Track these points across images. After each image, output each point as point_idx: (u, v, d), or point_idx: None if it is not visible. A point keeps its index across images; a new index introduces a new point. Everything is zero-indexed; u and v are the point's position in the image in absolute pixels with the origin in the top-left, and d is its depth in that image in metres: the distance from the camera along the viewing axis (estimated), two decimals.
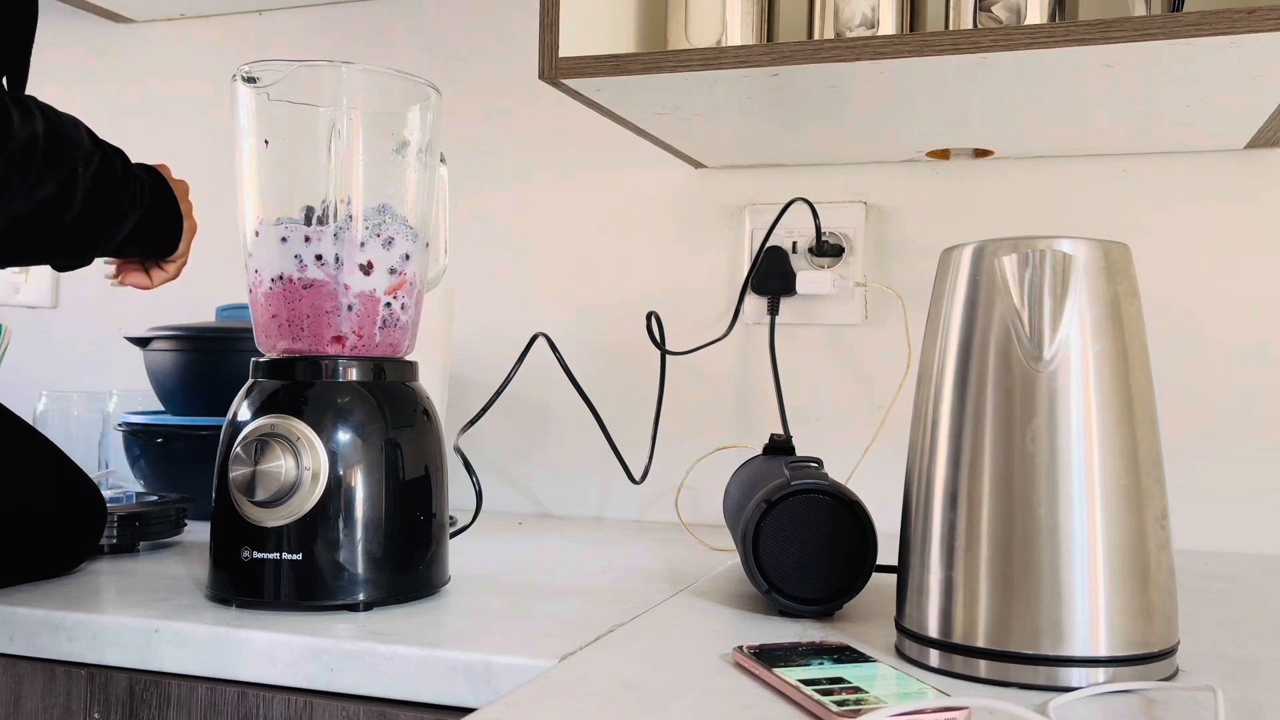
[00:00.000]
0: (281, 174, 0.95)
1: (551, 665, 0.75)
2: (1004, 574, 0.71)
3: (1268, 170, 1.26)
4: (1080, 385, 0.71)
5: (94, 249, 0.97)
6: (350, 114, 0.93)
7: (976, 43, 0.94)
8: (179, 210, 1.04)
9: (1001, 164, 1.34)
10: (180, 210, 1.04)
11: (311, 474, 0.87)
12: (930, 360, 0.77)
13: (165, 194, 1.02)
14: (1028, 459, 0.71)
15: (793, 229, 1.37)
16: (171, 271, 1.09)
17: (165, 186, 1.02)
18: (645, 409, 1.38)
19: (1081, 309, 0.71)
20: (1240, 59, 0.93)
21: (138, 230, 0.99)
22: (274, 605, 0.88)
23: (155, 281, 1.09)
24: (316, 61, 0.93)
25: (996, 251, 0.73)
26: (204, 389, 1.33)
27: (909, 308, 1.34)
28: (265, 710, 0.83)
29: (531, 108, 1.50)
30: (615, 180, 1.48)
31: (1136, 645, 0.70)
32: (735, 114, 1.17)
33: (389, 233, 0.93)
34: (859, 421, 1.36)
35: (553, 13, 1.03)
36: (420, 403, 0.95)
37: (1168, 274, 1.28)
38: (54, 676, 0.89)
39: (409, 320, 0.96)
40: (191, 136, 1.65)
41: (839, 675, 0.69)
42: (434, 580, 0.94)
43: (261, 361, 0.93)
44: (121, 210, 0.96)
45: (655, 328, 1.30)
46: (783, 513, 0.87)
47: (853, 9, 1.09)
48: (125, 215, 0.96)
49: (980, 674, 0.71)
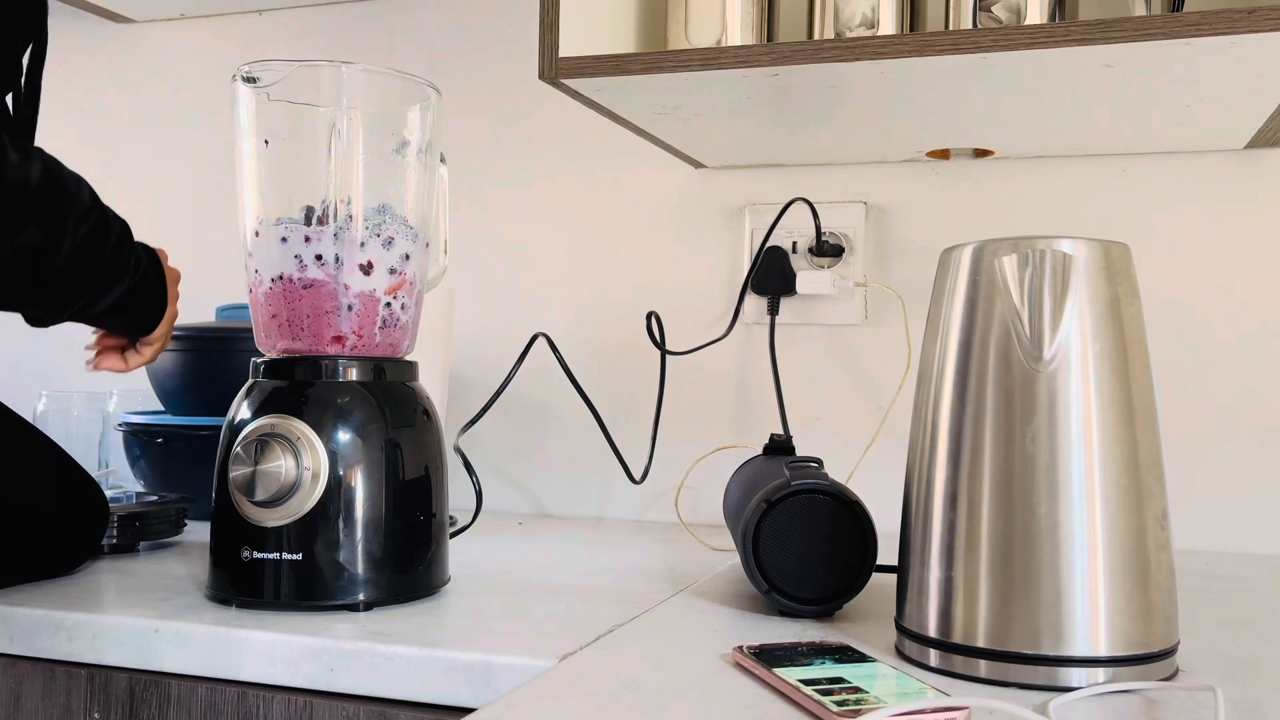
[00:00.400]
0: (282, 174, 0.95)
1: (551, 665, 0.75)
2: (1004, 574, 0.71)
3: (1268, 170, 1.26)
4: (1080, 385, 0.71)
5: (71, 307, 0.94)
6: (350, 114, 0.93)
7: (976, 43, 0.94)
8: (165, 293, 1.03)
9: (1001, 164, 1.34)
10: (167, 294, 1.03)
11: (311, 474, 0.87)
12: (930, 360, 0.77)
13: (157, 274, 1.02)
14: (1028, 459, 0.71)
15: (793, 229, 1.37)
16: (147, 355, 1.07)
17: (159, 267, 1.02)
18: (645, 409, 1.38)
19: (1081, 309, 0.71)
20: (1240, 59, 0.93)
21: (122, 302, 0.97)
22: (274, 605, 0.88)
23: (130, 365, 1.08)
24: (316, 61, 0.93)
25: (996, 251, 0.73)
26: (204, 389, 1.33)
27: (909, 308, 1.34)
28: (265, 710, 0.83)
29: (532, 108, 1.50)
30: (615, 180, 1.48)
31: (1136, 645, 0.70)
32: (735, 114, 1.17)
33: (389, 233, 0.93)
34: (859, 421, 1.36)
35: (553, 13, 1.03)
36: (420, 403, 0.95)
37: (1168, 274, 1.28)
38: (54, 676, 0.89)
39: (409, 320, 0.96)
40: (192, 136, 1.65)
41: (839, 675, 0.69)
42: (434, 580, 0.94)
43: (261, 361, 0.93)
44: (108, 276, 0.94)
45: (655, 328, 1.30)
46: (783, 513, 0.87)
47: (853, 9, 1.09)
48: (112, 283, 0.95)
49: (980, 674, 0.71)
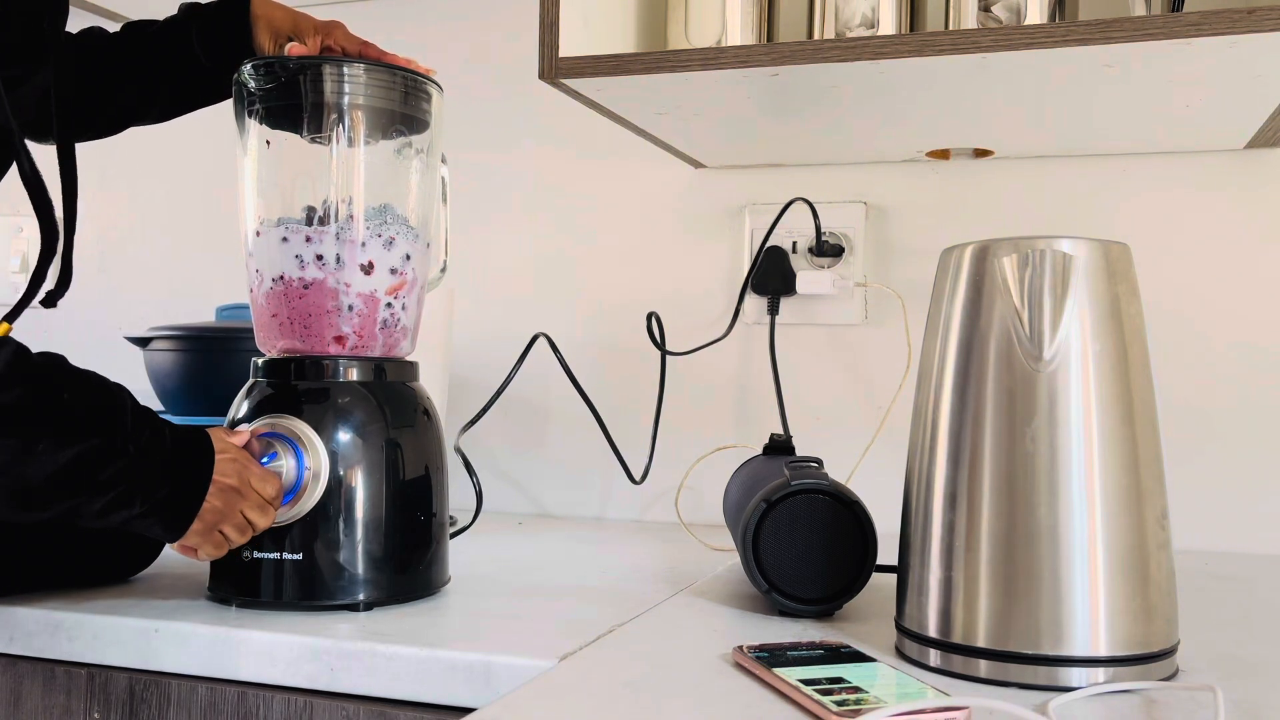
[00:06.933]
0: (283, 174, 0.95)
1: (551, 665, 0.75)
2: (1004, 574, 0.71)
3: (1268, 170, 1.26)
4: (1080, 385, 0.71)
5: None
6: (351, 114, 0.93)
7: (976, 43, 0.93)
8: (202, 481, 0.83)
9: (1001, 164, 1.34)
10: (205, 485, 0.83)
11: (312, 474, 0.87)
12: (930, 360, 0.77)
13: (178, 454, 0.83)
14: (1028, 459, 0.71)
15: (793, 229, 1.37)
16: (199, 555, 0.88)
17: (192, 448, 0.83)
18: (645, 409, 1.38)
19: (1081, 309, 0.71)
20: (1240, 59, 0.93)
21: (82, 470, 0.78)
22: (274, 605, 0.88)
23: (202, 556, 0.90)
24: (318, 60, 0.93)
25: (996, 251, 0.73)
26: (204, 389, 1.33)
27: (909, 308, 1.34)
28: (265, 710, 0.83)
29: (532, 108, 1.50)
30: (615, 181, 1.48)
31: (1136, 645, 0.70)
32: (735, 114, 1.17)
33: (390, 233, 0.93)
34: (859, 421, 1.36)
35: (553, 13, 1.03)
36: (421, 403, 0.95)
37: (1168, 274, 1.28)
38: (54, 676, 0.89)
39: (410, 320, 0.96)
40: (192, 136, 1.65)
41: (839, 675, 0.69)
42: (434, 580, 0.94)
43: (262, 361, 0.93)
44: (35, 426, 0.76)
45: (655, 328, 1.30)
46: (783, 513, 0.87)
47: (853, 9, 1.09)
48: (37, 434, 0.76)
49: (980, 674, 0.71)
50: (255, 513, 0.85)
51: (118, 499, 0.80)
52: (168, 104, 1.06)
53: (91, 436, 0.78)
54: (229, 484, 0.84)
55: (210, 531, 0.85)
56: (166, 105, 1.06)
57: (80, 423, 0.79)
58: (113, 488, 0.79)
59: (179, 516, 0.83)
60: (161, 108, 1.06)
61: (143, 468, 0.80)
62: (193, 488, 0.83)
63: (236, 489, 0.84)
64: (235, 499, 0.84)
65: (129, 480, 0.80)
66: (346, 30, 1.00)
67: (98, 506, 0.80)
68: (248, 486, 0.85)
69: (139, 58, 1.03)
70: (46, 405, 0.78)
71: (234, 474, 0.84)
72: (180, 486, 0.83)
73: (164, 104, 1.06)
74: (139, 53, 1.03)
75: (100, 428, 0.79)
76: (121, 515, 0.81)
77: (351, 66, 0.92)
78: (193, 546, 0.87)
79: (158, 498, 0.82)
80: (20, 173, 0.86)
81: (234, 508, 0.85)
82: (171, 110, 1.07)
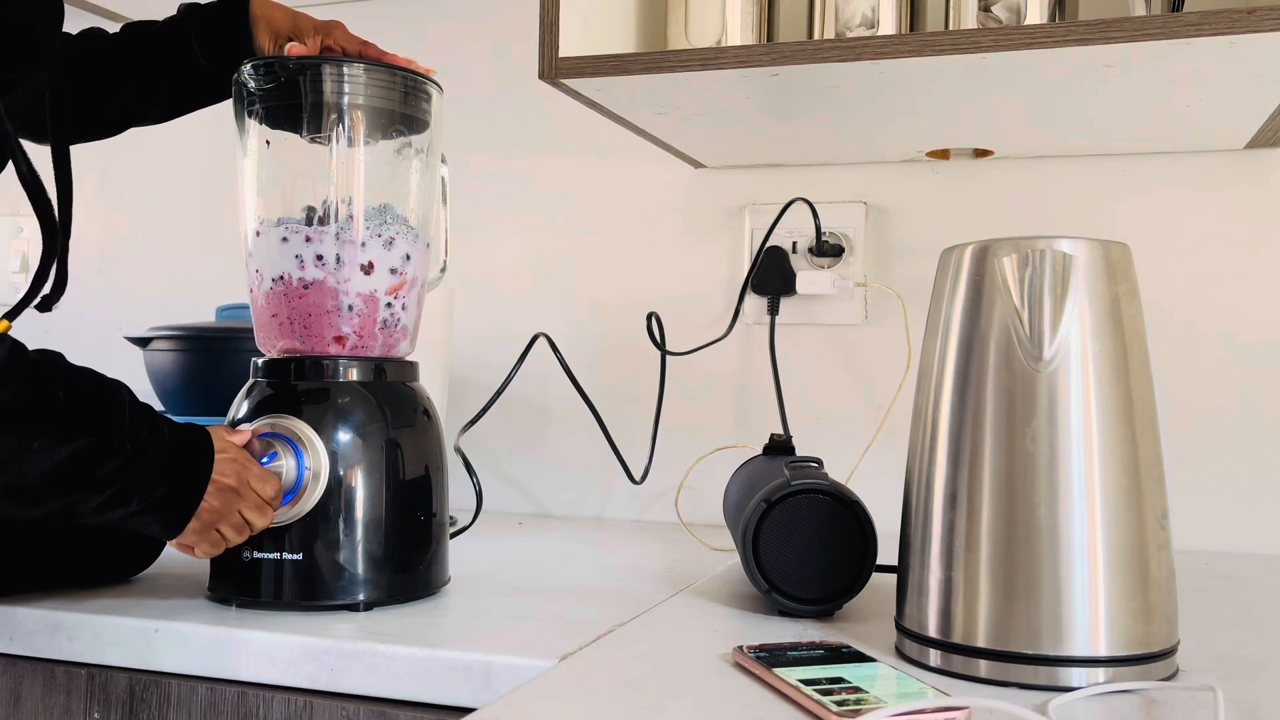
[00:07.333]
0: (282, 174, 0.95)
1: (551, 665, 0.75)
2: (1004, 574, 0.71)
3: (1268, 170, 1.26)
4: (1080, 385, 0.71)
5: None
6: (351, 114, 0.93)
7: (976, 43, 0.93)
8: (200, 480, 0.83)
9: (1001, 164, 1.34)
10: (204, 484, 0.83)
11: (312, 474, 0.87)
12: (930, 360, 0.77)
13: (176, 453, 0.83)
14: (1028, 459, 0.71)
15: (793, 229, 1.37)
16: (196, 554, 0.88)
17: (191, 449, 0.84)
18: (645, 409, 1.38)
19: (1081, 309, 0.71)
20: (1240, 59, 0.93)
21: (81, 466, 0.78)
22: (274, 605, 0.88)
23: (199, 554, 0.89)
24: (318, 60, 0.93)
25: (996, 251, 0.73)
26: (204, 389, 1.33)
27: (909, 308, 1.34)
28: (265, 710, 0.83)
29: (532, 108, 1.50)
30: (615, 180, 1.48)
31: (1136, 645, 0.70)
32: (735, 114, 1.17)
33: (390, 233, 0.93)
34: (859, 421, 1.36)
35: (553, 13, 1.03)
36: (420, 403, 0.95)
37: (1168, 274, 1.28)
38: (54, 676, 0.89)
39: (410, 320, 0.96)
40: (192, 137, 1.65)
41: (839, 675, 0.69)
42: (434, 580, 0.94)
43: (262, 362, 0.93)
44: (29, 421, 0.77)
45: (655, 328, 1.30)
46: (783, 513, 0.87)
47: (853, 9, 1.09)
48: (32, 432, 0.76)
49: (980, 674, 0.71)
50: (253, 513, 0.86)
51: (114, 496, 0.80)
52: (168, 104, 1.06)
53: (87, 434, 0.78)
54: (227, 484, 0.84)
55: (207, 530, 0.85)
56: (166, 106, 1.06)
57: (75, 420, 0.79)
58: (109, 485, 0.80)
59: (176, 515, 0.83)
60: (161, 108, 1.06)
61: (140, 466, 0.81)
62: (191, 487, 0.83)
63: (235, 489, 0.84)
64: (233, 499, 0.85)
65: (125, 478, 0.80)
66: (346, 30, 1.00)
67: (94, 504, 0.80)
68: (246, 487, 0.85)
69: (139, 58, 1.03)
70: (41, 403, 0.78)
71: (233, 474, 0.84)
72: (178, 485, 0.83)
73: (164, 104, 1.06)
74: (139, 53, 1.03)
75: (96, 425, 0.79)
76: (118, 512, 0.81)
77: (351, 66, 0.92)
78: (189, 544, 0.87)
79: (155, 496, 0.82)
80: (18, 175, 0.86)
81: (232, 508, 0.85)
82: (171, 111, 1.07)
